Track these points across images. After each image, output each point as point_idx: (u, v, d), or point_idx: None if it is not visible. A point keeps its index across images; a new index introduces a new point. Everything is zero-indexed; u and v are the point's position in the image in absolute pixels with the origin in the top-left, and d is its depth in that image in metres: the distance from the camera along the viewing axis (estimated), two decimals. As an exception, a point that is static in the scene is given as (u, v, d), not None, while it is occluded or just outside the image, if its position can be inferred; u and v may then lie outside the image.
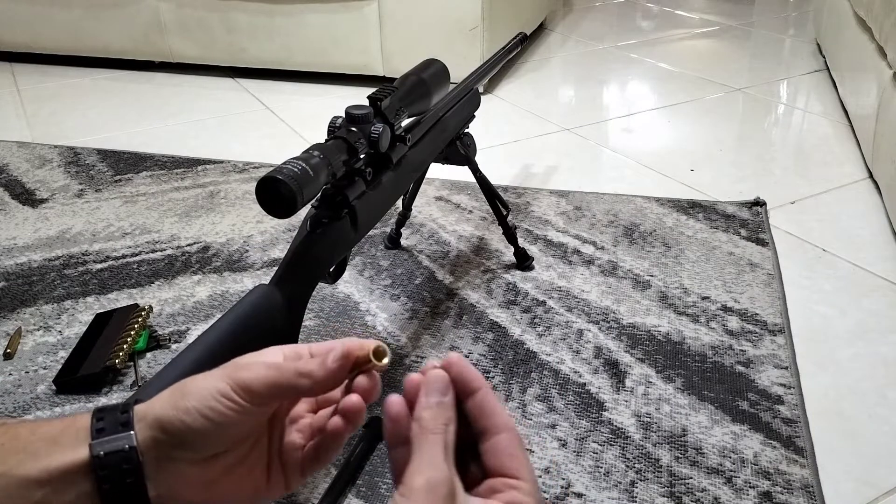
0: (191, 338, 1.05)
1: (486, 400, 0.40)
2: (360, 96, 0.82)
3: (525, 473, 0.38)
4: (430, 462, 0.36)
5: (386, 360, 0.40)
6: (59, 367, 0.99)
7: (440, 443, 0.37)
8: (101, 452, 0.38)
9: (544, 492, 0.80)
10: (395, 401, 0.39)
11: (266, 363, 0.40)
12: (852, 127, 1.72)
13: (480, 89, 1.41)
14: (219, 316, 0.84)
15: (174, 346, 1.04)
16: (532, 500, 0.37)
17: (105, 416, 0.40)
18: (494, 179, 1.18)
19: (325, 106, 2.00)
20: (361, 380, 0.41)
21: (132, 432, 0.39)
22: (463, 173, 1.16)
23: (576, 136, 1.77)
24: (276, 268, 0.83)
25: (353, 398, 0.41)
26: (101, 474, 0.38)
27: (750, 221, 1.34)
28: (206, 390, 0.39)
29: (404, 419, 0.39)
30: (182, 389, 0.40)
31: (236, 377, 0.40)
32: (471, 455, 0.39)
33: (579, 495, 0.80)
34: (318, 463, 0.44)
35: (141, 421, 0.39)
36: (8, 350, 1.03)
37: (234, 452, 0.42)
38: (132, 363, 1.00)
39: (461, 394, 0.40)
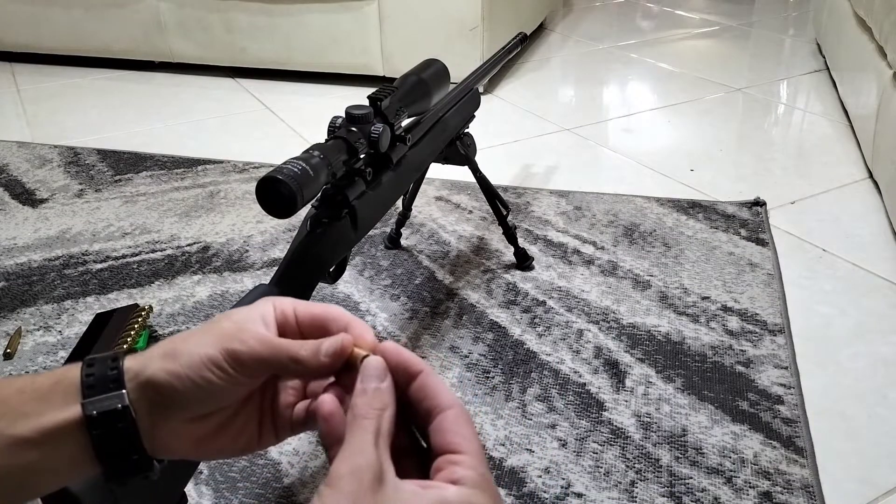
0: (191, 338, 1.05)
1: (427, 381, 0.39)
2: (360, 96, 0.82)
3: (467, 447, 0.37)
4: (358, 448, 0.35)
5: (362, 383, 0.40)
6: (59, 367, 0.98)
7: (371, 428, 0.36)
8: (94, 412, 0.38)
9: (544, 492, 0.80)
10: (327, 399, 0.38)
11: (260, 338, 0.40)
12: (852, 127, 1.72)
13: (480, 89, 1.41)
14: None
15: (174, 346, 1.04)
16: (474, 473, 0.36)
17: (95, 369, 0.39)
18: (494, 179, 1.18)
19: (325, 106, 2.00)
20: (344, 378, 0.40)
21: (124, 391, 0.38)
22: (463, 173, 1.16)
23: (576, 136, 1.77)
24: (276, 268, 0.83)
25: (325, 401, 0.40)
26: (96, 434, 0.38)
27: (750, 221, 1.34)
28: (198, 357, 0.39)
29: (338, 417, 0.38)
30: (174, 352, 0.40)
31: (229, 348, 0.39)
32: (424, 442, 0.39)
33: (579, 495, 0.80)
34: (305, 425, 0.44)
35: (132, 380, 0.39)
36: (8, 350, 1.03)
37: (227, 411, 0.42)
38: (132, 363, 1.00)
39: (403, 379, 0.39)
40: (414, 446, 0.40)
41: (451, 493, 0.35)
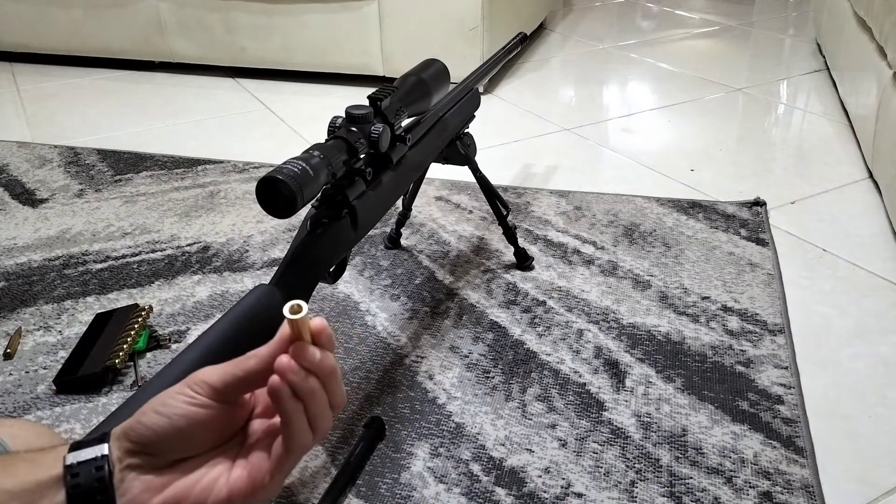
0: (191, 338, 1.05)
1: None
2: (360, 96, 0.82)
3: None
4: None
5: (302, 314, 0.41)
6: (59, 367, 0.99)
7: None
8: (75, 461, 0.40)
9: (544, 492, 0.80)
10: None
11: (222, 364, 0.42)
12: (852, 127, 1.72)
13: (480, 89, 1.41)
14: (219, 316, 0.84)
15: (174, 346, 1.04)
16: None
17: (83, 442, 0.42)
18: (494, 179, 1.18)
19: (325, 106, 2.00)
20: (294, 346, 0.41)
21: (105, 444, 0.41)
22: (463, 173, 1.16)
23: (576, 136, 1.77)
24: (276, 268, 0.83)
25: (283, 357, 0.41)
26: (72, 482, 0.39)
27: (750, 221, 1.34)
28: (164, 394, 0.41)
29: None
30: (147, 405, 0.42)
31: (193, 377, 0.41)
32: None
33: (579, 495, 0.80)
34: (286, 453, 0.42)
35: (112, 438, 0.41)
36: (8, 350, 1.03)
37: (199, 459, 0.42)
38: (132, 363, 1.00)
39: None
40: None
41: None
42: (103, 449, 0.40)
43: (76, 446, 0.41)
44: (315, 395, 0.41)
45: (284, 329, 0.41)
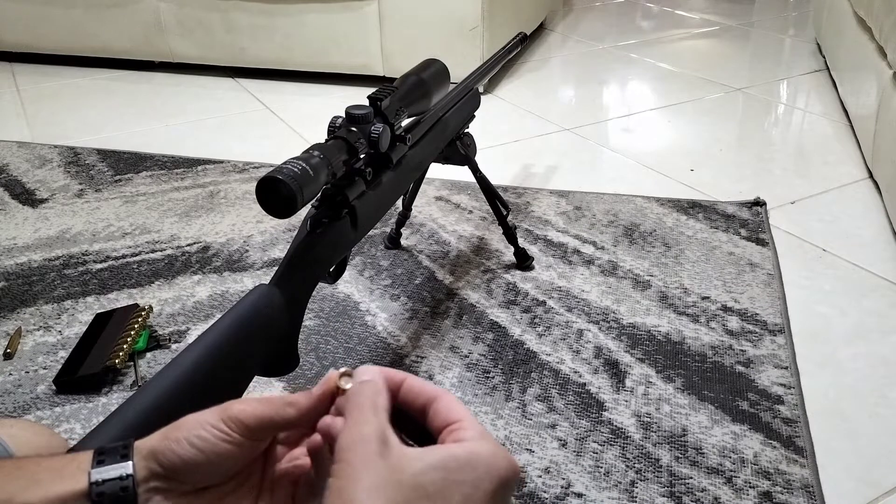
0: (191, 338, 1.05)
1: (412, 384, 0.41)
2: (360, 96, 0.82)
3: (464, 414, 0.39)
4: (358, 420, 0.37)
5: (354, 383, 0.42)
6: (59, 367, 0.99)
7: (368, 403, 0.38)
8: (100, 479, 0.40)
9: (544, 492, 0.80)
10: (325, 420, 0.41)
11: (257, 398, 0.42)
12: (852, 127, 1.72)
13: (480, 89, 1.41)
14: (219, 316, 0.84)
15: (174, 346, 1.04)
16: (474, 431, 0.38)
17: (106, 451, 0.42)
18: (494, 179, 1.18)
19: (325, 106, 2.00)
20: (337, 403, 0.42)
21: (130, 462, 0.41)
22: (463, 173, 1.16)
23: (576, 136, 1.77)
24: (276, 268, 0.83)
25: (333, 421, 0.41)
26: (97, 500, 0.39)
27: (750, 221, 1.34)
28: (198, 422, 0.41)
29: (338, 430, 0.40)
30: (176, 424, 0.42)
31: (228, 411, 0.41)
32: (423, 437, 0.41)
33: (579, 495, 0.80)
34: (311, 496, 0.44)
35: (137, 454, 0.41)
36: (8, 350, 1.03)
37: (224, 487, 0.43)
38: (132, 363, 1.00)
39: (393, 390, 0.41)
40: None
41: (456, 448, 0.37)
42: (128, 467, 0.40)
43: (99, 458, 0.41)
44: None
45: (329, 386, 0.42)
